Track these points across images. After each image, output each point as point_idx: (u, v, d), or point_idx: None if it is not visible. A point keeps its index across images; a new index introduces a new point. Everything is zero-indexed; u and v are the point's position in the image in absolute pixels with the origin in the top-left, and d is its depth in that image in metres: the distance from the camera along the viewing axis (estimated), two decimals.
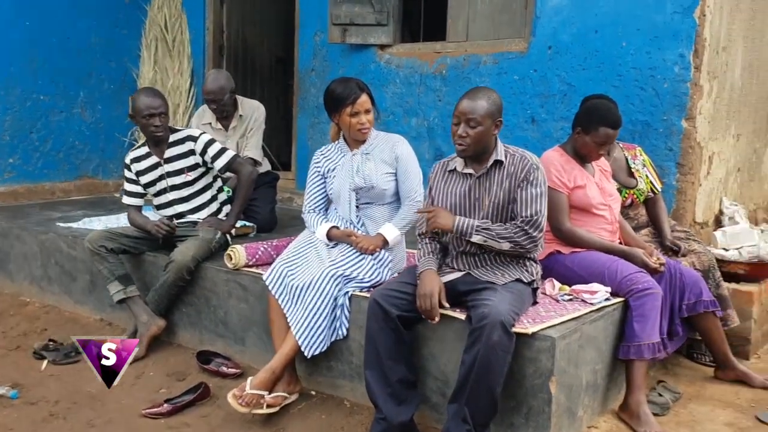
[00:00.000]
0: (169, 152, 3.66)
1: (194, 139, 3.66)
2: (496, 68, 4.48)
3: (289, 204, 5.49)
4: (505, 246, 2.66)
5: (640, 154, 3.70)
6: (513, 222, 2.69)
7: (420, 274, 2.71)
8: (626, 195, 3.53)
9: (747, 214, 4.31)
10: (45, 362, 3.44)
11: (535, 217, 2.65)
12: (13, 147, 5.51)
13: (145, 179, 3.70)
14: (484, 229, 2.67)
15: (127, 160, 3.74)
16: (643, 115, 3.94)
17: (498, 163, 2.74)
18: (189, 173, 3.68)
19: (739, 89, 4.29)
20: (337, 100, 3.12)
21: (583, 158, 3.21)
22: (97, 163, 6.09)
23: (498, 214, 2.73)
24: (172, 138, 3.67)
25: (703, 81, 3.81)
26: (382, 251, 3.12)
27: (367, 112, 3.12)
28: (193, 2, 6.17)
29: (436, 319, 2.62)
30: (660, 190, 3.68)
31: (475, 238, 2.67)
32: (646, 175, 3.63)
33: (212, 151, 3.65)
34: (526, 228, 2.65)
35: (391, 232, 3.12)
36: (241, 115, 4.48)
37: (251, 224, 4.19)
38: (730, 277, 3.63)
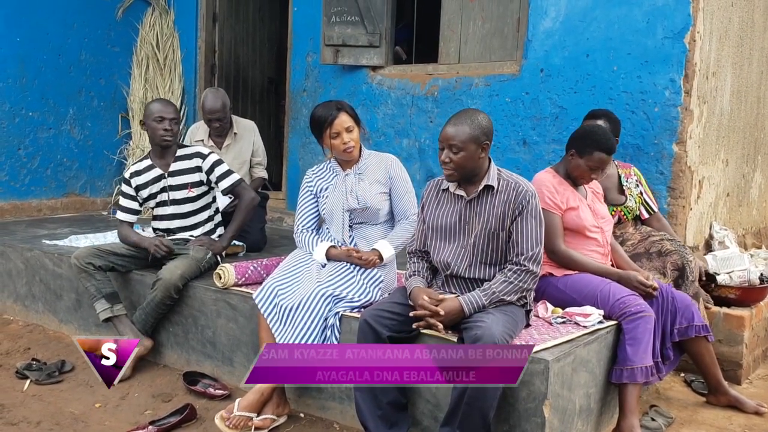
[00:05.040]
0: (175, 166, 3.66)
1: (203, 156, 3.67)
2: (487, 90, 4.50)
3: (279, 224, 5.47)
4: (515, 298, 2.64)
5: (635, 174, 3.72)
6: (511, 267, 2.63)
7: (411, 293, 2.69)
8: (613, 211, 3.53)
9: (736, 238, 4.32)
10: (27, 382, 3.36)
11: (537, 250, 2.63)
12: (0, 163, 5.46)
13: (146, 192, 3.67)
14: (494, 300, 2.59)
15: (127, 175, 3.72)
16: (634, 139, 3.96)
17: (489, 188, 2.71)
18: (192, 189, 3.67)
19: (728, 115, 4.33)
20: (317, 124, 3.11)
21: (575, 180, 3.22)
22: (85, 181, 6.04)
23: (488, 240, 2.69)
24: (180, 152, 3.67)
25: (694, 106, 3.84)
26: (374, 269, 3.10)
27: (348, 131, 3.09)
28: (185, 21, 6.18)
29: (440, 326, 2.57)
30: (656, 210, 3.70)
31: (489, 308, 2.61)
32: (639, 193, 3.65)
33: (219, 171, 3.66)
34: (528, 266, 2.61)
35: (387, 249, 3.10)
36: (236, 133, 4.48)
37: (241, 243, 4.17)
38: (720, 301, 3.62)
